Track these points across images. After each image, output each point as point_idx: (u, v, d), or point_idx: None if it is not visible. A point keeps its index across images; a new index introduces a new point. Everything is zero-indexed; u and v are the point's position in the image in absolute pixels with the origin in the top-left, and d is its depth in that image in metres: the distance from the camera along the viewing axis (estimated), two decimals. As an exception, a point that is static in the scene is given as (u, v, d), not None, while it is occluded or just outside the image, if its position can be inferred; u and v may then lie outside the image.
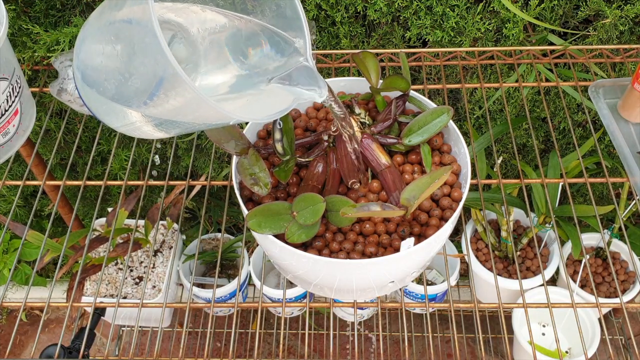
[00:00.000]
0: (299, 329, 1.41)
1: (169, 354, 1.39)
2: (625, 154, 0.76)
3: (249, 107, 0.55)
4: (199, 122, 0.51)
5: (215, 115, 0.47)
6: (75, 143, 0.86)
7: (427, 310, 0.70)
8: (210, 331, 0.72)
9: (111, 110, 0.52)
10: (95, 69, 0.51)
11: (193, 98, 0.44)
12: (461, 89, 0.93)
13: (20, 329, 1.50)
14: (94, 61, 0.50)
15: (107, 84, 0.50)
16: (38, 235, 0.83)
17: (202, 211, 0.92)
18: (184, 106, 0.46)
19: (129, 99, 0.49)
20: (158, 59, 0.43)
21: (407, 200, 0.56)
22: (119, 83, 0.48)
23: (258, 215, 0.56)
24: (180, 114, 0.49)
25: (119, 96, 0.49)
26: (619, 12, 0.86)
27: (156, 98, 0.47)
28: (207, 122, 0.51)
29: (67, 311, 0.70)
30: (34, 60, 0.92)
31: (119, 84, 0.48)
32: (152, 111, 0.49)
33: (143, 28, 0.44)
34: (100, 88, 0.51)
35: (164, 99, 0.46)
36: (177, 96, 0.45)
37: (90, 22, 0.51)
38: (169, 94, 0.45)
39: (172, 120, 0.51)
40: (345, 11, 0.91)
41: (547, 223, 1.00)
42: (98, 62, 0.50)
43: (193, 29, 0.55)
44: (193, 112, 0.47)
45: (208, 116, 0.48)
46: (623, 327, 1.31)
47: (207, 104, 0.44)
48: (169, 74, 0.43)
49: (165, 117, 0.50)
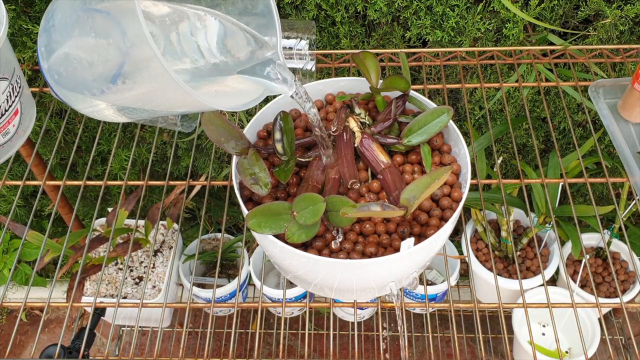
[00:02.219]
0: (299, 329, 1.41)
1: (169, 354, 1.39)
2: (625, 154, 0.76)
3: (218, 96, 0.56)
4: (163, 108, 0.51)
5: (185, 101, 0.47)
6: (75, 143, 0.86)
7: (427, 310, 0.70)
8: (210, 331, 0.72)
9: (77, 94, 0.52)
10: (64, 54, 0.51)
11: (167, 83, 0.44)
12: (461, 89, 0.93)
13: (20, 329, 1.50)
14: (63, 44, 0.50)
15: (74, 66, 0.50)
16: (38, 235, 0.83)
17: (202, 211, 0.92)
18: (153, 91, 0.46)
19: (92, 84, 0.49)
20: (135, 41, 0.43)
21: (407, 200, 0.56)
22: (86, 66, 0.48)
23: (258, 215, 0.56)
24: (147, 100, 0.49)
25: (83, 81, 0.50)
26: (619, 12, 0.86)
27: (122, 83, 0.47)
28: (173, 108, 0.51)
29: (67, 311, 0.70)
30: (34, 60, 0.92)
31: (86, 68, 0.48)
32: (117, 97, 0.49)
33: (122, 11, 0.43)
34: (68, 71, 0.51)
35: (131, 85, 0.46)
36: (148, 80, 0.45)
37: (62, 3, 0.50)
38: (138, 78, 0.45)
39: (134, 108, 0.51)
40: (345, 11, 0.91)
41: (547, 223, 1.00)
42: (68, 45, 0.50)
43: (155, 20, 0.55)
44: (161, 97, 0.47)
45: (176, 102, 0.48)
46: (623, 327, 1.31)
47: (182, 89, 0.44)
48: (145, 57, 0.43)
49: (131, 103, 0.50)
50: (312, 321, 1.44)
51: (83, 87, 0.51)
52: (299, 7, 0.92)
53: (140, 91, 0.47)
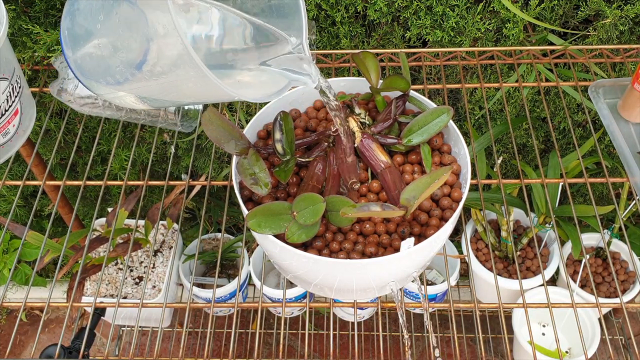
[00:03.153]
0: (299, 329, 1.41)
1: (169, 354, 1.39)
2: (625, 154, 0.76)
3: (243, 87, 0.56)
4: (186, 99, 0.51)
5: (210, 91, 0.47)
6: (75, 143, 0.86)
7: (426, 314, 0.70)
8: (210, 331, 0.72)
9: (101, 78, 0.52)
10: (89, 39, 0.51)
11: (195, 73, 0.44)
12: (461, 89, 0.93)
13: (20, 329, 1.50)
14: (88, 28, 0.50)
15: (99, 51, 0.50)
16: (38, 235, 0.83)
17: (202, 211, 0.92)
18: (178, 80, 0.47)
19: (116, 70, 0.49)
20: (171, 35, 0.43)
21: (407, 200, 0.56)
22: (111, 52, 0.48)
23: (258, 215, 0.56)
24: (171, 89, 0.49)
25: (107, 67, 0.50)
26: (619, 12, 0.86)
27: (148, 71, 0.47)
28: (197, 98, 0.51)
29: (67, 311, 0.70)
30: (34, 60, 0.92)
31: (111, 53, 0.48)
32: (141, 85, 0.49)
33: (155, 7, 0.44)
34: (92, 56, 0.51)
35: (157, 73, 0.46)
36: (175, 68, 0.45)
37: None
38: (164, 67, 0.46)
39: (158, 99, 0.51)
40: (345, 11, 0.91)
41: (547, 223, 1.00)
42: (93, 29, 0.50)
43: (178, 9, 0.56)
44: (185, 86, 0.47)
45: (200, 92, 0.48)
46: (623, 327, 1.31)
47: (213, 82, 0.44)
48: (173, 46, 0.43)
49: (155, 92, 0.50)
50: (312, 321, 1.44)
51: (107, 73, 0.51)
52: (299, 7, 0.92)
53: (166, 80, 0.47)
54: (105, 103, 0.82)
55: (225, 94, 0.47)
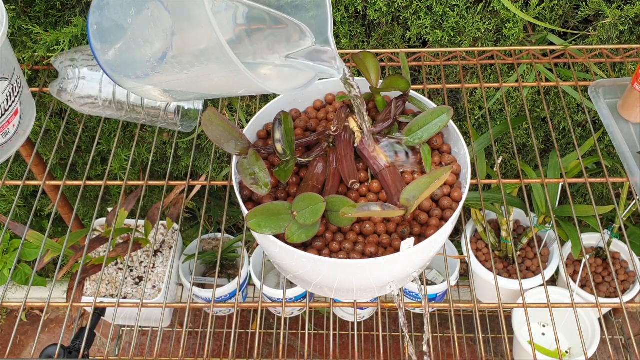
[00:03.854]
0: (299, 329, 1.41)
1: (169, 354, 1.39)
2: (625, 154, 0.76)
3: (270, 79, 0.57)
4: (216, 91, 0.51)
5: (237, 83, 0.48)
6: (75, 143, 0.86)
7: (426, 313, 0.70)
8: (210, 331, 0.72)
9: (129, 69, 0.52)
10: (119, 34, 0.51)
11: (233, 70, 0.45)
12: (461, 89, 0.93)
13: (20, 329, 1.50)
14: (117, 23, 0.51)
15: (128, 45, 0.50)
16: (38, 235, 0.83)
17: (202, 211, 0.92)
18: (207, 72, 0.47)
19: (144, 64, 0.49)
20: (204, 29, 0.44)
21: (407, 200, 0.56)
22: (141, 45, 0.49)
23: (258, 215, 0.56)
24: (199, 82, 0.49)
25: (134, 60, 0.50)
26: (619, 12, 0.86)
27: (177, 63, 0.47)
28: (224, 90, 0.52)
29: (67, 311, 0.70)
30: (34, 60, 0.92)
31: (141, 47, 0.49)
32: (170, 78, 0.50)
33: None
34: (122, 50, 0.51)
35: (186, 64, 0.47)
36: (207, 60, 0.46)
37: None
38: (206, 62, 0.46)
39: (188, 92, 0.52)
40: (345, 11, 0.91)
41: (547, 223, 1.00)
42: (123, 24, 0.50)
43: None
44: (214, 77, 0.48)
45: (227, 84, 0.49)
46: (623, 327, 1.31)
47: (245, 76, 0.45)
48: (213, 45, 0.44)
49: (184, 84, 0.51)
50: (312, 321, 1.44)
51: (136, 67, 0.51)
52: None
53: (195, 72, 0.48)
54: (105, 103, 0.82)
55: (254, 87, 0.48)
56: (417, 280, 0.64)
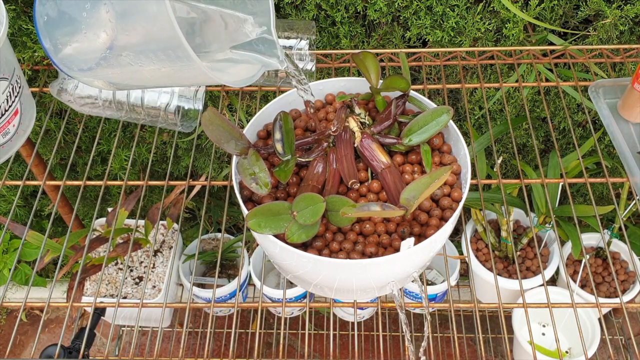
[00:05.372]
0: (299, 329, 1.41)
1: (169, 354, 1.39)
2: (625, 154, 0.76)
3: (218, 70, 0.58)
4: (161, 83, 0.52)
5: (197, 77, 0.49)
6: (75, 143, 0.86)
7: (427, 310, 0.70)
8: (210, 331, 0.72)
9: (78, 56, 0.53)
10: (69, 28, 0.52)
11: (186, 64, 0.46)
12: (461, 89, 0.93)
13: (20, 329, 1.50)
14: (69, 15, 0.51)
15: (78, 37, 0.51)
16: (38, 235, 0.83)
17: (202, 211, 0.92)
18: (164, 67, 0.48)
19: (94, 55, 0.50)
20: (162, 24, 0.45)
21: (407, 200, 0.56)
22: (92, 39, 0.49)
23: (258, 215, 0.56)
24: (145, 74, 0.50)
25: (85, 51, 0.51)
26: (619, 12, 0.86)
27: (135, 56, 0.48)
28: (174, 82, 0.53)
29: (67, 311, 0.70)
30: (34, 60, 0.92)
31: (92, 40, 0.49)
32: (118, 70, 0.50)
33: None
34: (72, 41, 0.51)
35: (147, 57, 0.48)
36: (163, 57, 0.47)
37: None
38: (162, 56, 0.47)
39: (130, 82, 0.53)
40: (345, 11, 0.91)
41: (547, 223, 1.00)
42: (76, 17, 0.50)
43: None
44: (172, 72, 0.48)
45: (184, 76, 0.50)
46: (623, 327, 1.31)
47: (201, 70, 0.46)
48: (170, 40, 0.46)
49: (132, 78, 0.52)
50: (312, 321, 1.44)
51: (83, 59, 0.52)
52: (299, 7, 0.92)
53: (145, 65, 0.49)
54: (105, 103, 0.82)
55: (204, 79, 0.49)
56: (418, 280, 0.64)
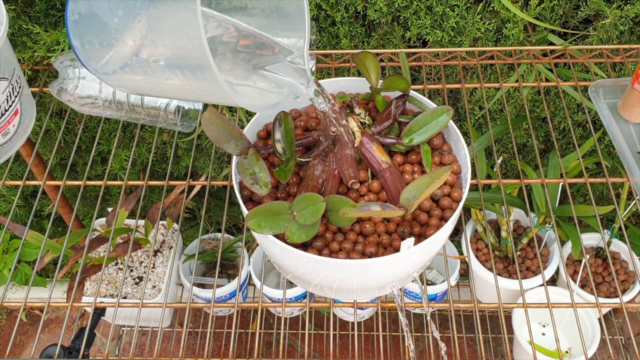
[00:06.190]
0: (299, 329, 1.41)
1: (169, 354, 1.39)
2: (625, 154, 0.76)
3: (243, 95, 0.57)
4: (183, 96, 0.52)
5: (219, 97, 0.48)
6: (75, 143, 0.86)
7: (427, 310, 0.70)
8: (210, 331, 0.72)
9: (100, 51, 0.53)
10: (100, 30, 0.51)
11: (211, 85, 0.45)
12: (461, 89, 0.93)
13: (20, 329, 1.50)
14: (102, 19, 0.50)
15: (109, 41, 0.50)
16: (38, 235, 0.83)
17: (202, 211, 0.92)
18: (188, 83, 0.47)
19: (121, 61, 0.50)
20: (194, 44, 0.44)
21: (407, 200, 0.56)
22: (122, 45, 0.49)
23: (258, 215, 0.56)
24: (175, 88, 0.50)
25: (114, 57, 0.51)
26: (619, 12, 0.86)
27: (162, 69, 0.47)
28: (192, 97, 0.53)
29: (67, 311, 0.70)
30: (34, 60, 0.92)
31: (122, 46, 0.49)
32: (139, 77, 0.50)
33: (182, 4, 0.44)
34: (100, 42, 0.51)
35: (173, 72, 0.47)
36: (189, 68, 0.46)
37: None
38: (188, 73, 0.47)
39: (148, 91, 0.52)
40: (345, 11, 0.91)
41: (547, 223, 1.00)
42: (107, 21, 0.50)
43: None
44: (192, 87, 0.48)
45: (205, 94, 0.49)
46: (623, 327, 1.31)
47: (224, 89, 0.45)
48: (199, 61, 0.44)
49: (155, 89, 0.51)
50: (312, 321, 1.44)
51: (109, 62, 0.51)
52: (299, 7, 0.92)
53: (170, 78, 0.48)
54: (105, 103, 0.82)
55: (227, 100, 0.48)
56: (418, 280, 0.64)
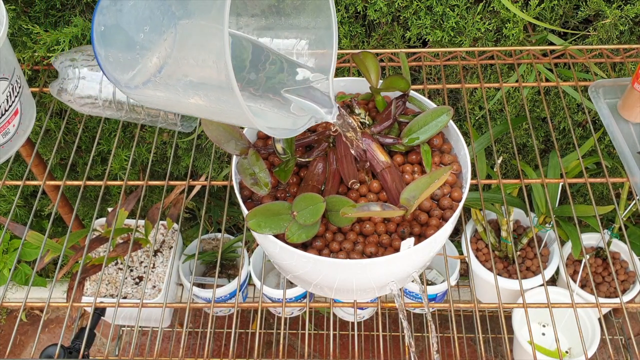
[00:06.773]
0: (299, 329, 1.41)
1: (169, 354, 1.39)
2: (625, 154, 0.76)
3: (265, 118, 0.56)
4: (203, 115, 0.51)
5: (238, 119, 0.48)
6: (75, 143, 0.86)
7: (427, 310, 0.70)
8: (210, 331, 0.72)
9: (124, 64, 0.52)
10: (127, 45, 0.51)
11: (234, 104, 0.45)
12: (461, 89, 0.93)
13: (20, 329, 1.50)
14: (128, 33, 0.50)
15: (134, 56, 0.50)
16: (38, 235, 0.83)
17: (202, 211, 0.92)
18: (210, 104, 0.47)
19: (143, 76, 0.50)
20: (218, 66, 0.44)
21: (407, 200, 0.56)
22: (147, 60, 0.49)
23: (258, 215, 0.56)
24: (195, 107, 0.49)
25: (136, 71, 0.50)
26: (619, 12, 0.86)
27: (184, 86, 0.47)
28: (216, 118, 0.52)
29: (67, 311, 0.70)
30: (34, 60, 0.92)
31: (147, 60, 0.49)
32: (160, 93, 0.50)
33: (210, 27, 0.44)
34: (126, 59, 0.51)
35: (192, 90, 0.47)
36: (211, 90, 0.46)
37: None
38: (210, 93, 0.46)
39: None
40: (345, 11, 0.91)
41: (547, 223, 1.00)
42: (133, 35, 0.50)
43: None
44: (215, 109, 0.48)
45: (225, 116, 0.49)
46: (623, 327, 1.31)
47: (246, 113, 0.44)
48: (221, 84, 0.44)
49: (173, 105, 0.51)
50: (312, 321, 1.44)
51: (132, 76, 0.51)
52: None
53: (189, 97, 0.48)
54: (105, 103, 0.82)
55: (245, 122, 0.48)
56: (417, 280, 0.64)
